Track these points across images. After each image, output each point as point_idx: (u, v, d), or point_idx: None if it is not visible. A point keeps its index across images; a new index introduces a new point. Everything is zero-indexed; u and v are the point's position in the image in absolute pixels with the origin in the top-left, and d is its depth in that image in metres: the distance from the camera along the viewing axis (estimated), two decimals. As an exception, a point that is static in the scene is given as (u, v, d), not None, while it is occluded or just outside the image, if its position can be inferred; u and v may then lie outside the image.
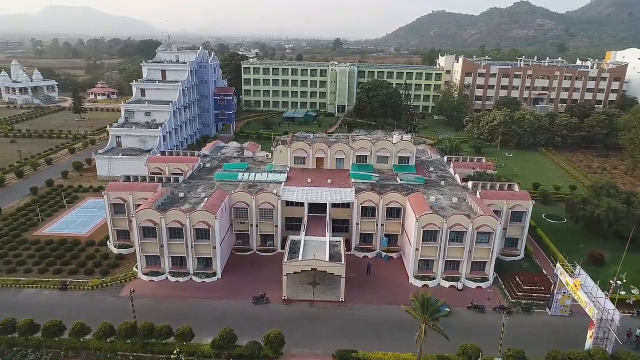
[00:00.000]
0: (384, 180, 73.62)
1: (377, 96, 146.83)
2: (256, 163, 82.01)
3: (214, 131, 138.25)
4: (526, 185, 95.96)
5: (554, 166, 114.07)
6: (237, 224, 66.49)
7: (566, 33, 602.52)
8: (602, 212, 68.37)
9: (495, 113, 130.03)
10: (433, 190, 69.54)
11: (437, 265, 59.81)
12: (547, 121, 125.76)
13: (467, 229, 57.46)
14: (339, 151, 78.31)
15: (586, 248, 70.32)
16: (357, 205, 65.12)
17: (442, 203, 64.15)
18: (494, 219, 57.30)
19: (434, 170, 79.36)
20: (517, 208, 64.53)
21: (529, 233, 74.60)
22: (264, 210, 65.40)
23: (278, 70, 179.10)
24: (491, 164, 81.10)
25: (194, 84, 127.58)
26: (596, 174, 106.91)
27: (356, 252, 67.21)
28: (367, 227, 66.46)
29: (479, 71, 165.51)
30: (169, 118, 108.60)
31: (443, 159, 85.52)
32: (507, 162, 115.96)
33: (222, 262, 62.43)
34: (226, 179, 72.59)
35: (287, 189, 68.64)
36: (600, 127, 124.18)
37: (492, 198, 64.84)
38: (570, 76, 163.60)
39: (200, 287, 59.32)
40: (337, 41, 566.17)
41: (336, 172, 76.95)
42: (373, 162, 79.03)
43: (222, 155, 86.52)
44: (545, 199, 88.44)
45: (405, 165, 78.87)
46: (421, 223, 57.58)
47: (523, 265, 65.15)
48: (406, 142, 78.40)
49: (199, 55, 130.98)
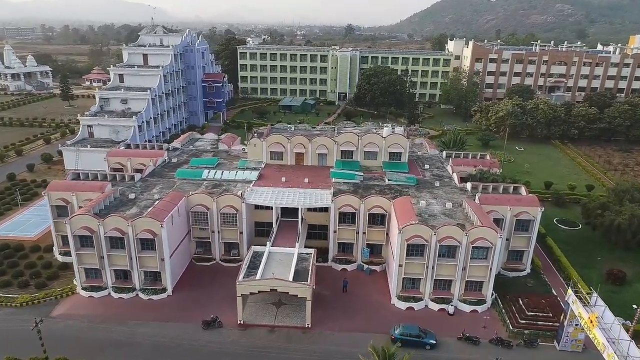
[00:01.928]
0: (371, 180, 64.15)
1: (378, 83, 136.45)
2: (230, 158, 72.97)
3: (203, 120, 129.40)
4: (537, 184, 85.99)
5: (570, 162, 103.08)
6: (196, 230, 57.72)
7: (587, 19, 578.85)
8: (624, 220, 58.15)
9: (505, 102, 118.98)
10: (425, 192, 59.90)
11: (425, 285, 50.46)
12: (563, 111, 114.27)
13: (461, 242, 47.96)
14: (321, 146, 68.90)
15: (605, 261, 60.44)
16: (335, 210, 55.87)
17: (433, 209, 54.54)
18: (493, 232, 47.64)
19: (429, 168, 69.58)
20: (523, 216, 54.65)
21: (538, 242, 64.85)
22: (226, 215, 56.46)
23: (276, 55, 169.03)
24: (496, 162, 70.95)
25: (179, 69, 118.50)
26: (617, 171, 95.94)
27: (334, 263, 58.13)
28: (346, 235, 57.20)
29: (490, 57, 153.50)
30: (147, 106, 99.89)
31: (442, 155, 75.60)
32: (517, 157, 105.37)
33: (176, 275, 53.88)
34: (189, 177, 63.70)
35: (256, 190, 59.54)
36: (622, 119, 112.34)
37: (493, 203, 55.06)
38: (590, 62, 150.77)
39: (147, 306, 50.82)
40: (349, 27, 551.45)
41: (318, 169, 67.73)
42: (360, 159, 69.56)
43: (194, 149, 77.64)
44: (558, 200, 78.06)
45: (396, 162, 69.23)
46: (405, 235, 48.18)
47: (529, 283, 55.42)
48: (398, 136, 68.65)
49: (184, 39, 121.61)
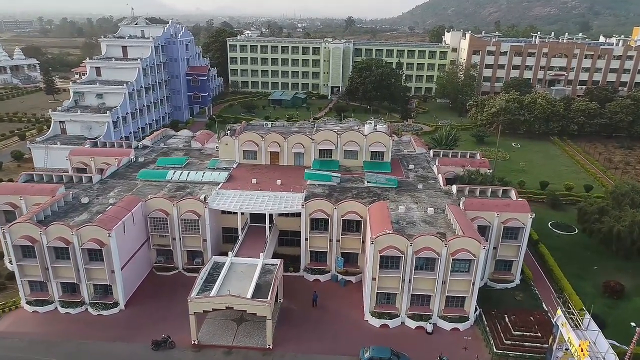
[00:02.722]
0: (349, 181, 59.33)
1: (370, 77, 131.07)
2: (202, 157, 68.18)
3: (187, 115, 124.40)
4: (532, 183, 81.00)
5: (568, 159, 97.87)
6: (155, 238, 53.03)
7: (590, 11, 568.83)
8: (623, 227, 53.16)
9: (502, 97, 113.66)
10: (406, 196, 55.05)
11: (401, 300, 45.74)
12: (562, 106, 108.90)
13: (440, 254, 43.16)
14: (298, 144, 63.99)
15: (602, 272, 55.56)
16: (306, 216, 51.10)
17: (413, 215, 49.70)
18: (475, 243, 42.80)
19: (414, 169, 64.65)
20: (512, 223, 49.74)
21: (530, 249, 60.21)
22: (187, 221, 51.73)
23: (267, 48, 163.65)
24: (486, 162, 65.90)
25: (161, 62, 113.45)
26: (617, 170, 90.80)
27: (306, 273, 53.44)
28: (319, 243, 52.43)
29: (488, 49, 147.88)
30: (123, 101, 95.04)
31: (429, 154, 70.63)
32: (513, 154, 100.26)
33: (130, 287, 49.31)
34: (152, 178, 58.94)
35: (222, 193, 54.74)
36: (624, 114, 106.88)
37: (478, 209, 50.18)
38: (592, 54, 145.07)
39: (96, 322, 46.23)
40: (350, 20, 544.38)
41: (294, 170, 62.85)
42: (340, 158, 64.68)
43: (165, 147, 72.87)
44: (554, 202, 73.04)
45: (378, 161, 64.33)
46: (378, 246, 43.40)
47: (517, 296, 50.62)
48: (380, 134, 63.68)
49: (167, 30, 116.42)
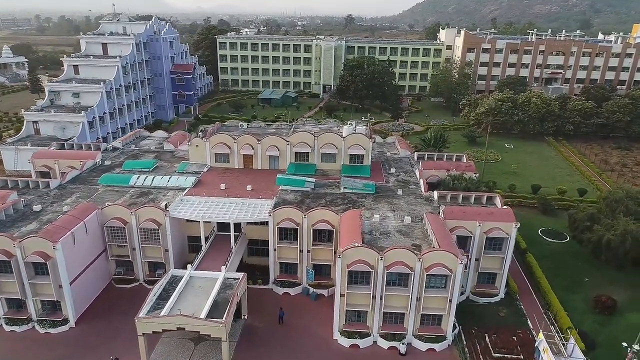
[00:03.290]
0: (325, 186, 55.72)
1: (361, 75, 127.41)
2: (173, 160, 64.61)
3: (172, 115, 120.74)
4: (524, 187, 77.31)
5: (563, 161, 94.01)
6: (114, 248, 49.50)
7: (592, 9, 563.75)
8: (615, 237, 49.42)
9: (494, 96, 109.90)
10: (384, 203, 51.40)
11: (372, 318, 42.14)
12: (557, 105, 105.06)
13: (413, 269, 39.55)
14: (272, 147, 60.34)
15: (593, 284, 51.91)
16: (273, 225, 47.51)
17: (388, 225, 46.06)
18: (452, 256, 39.15)
19: (395, 173, 61.00)
20: (495, 233, 46.10)
21: (517, 258, 56.71)
22: (147, 230, 48.17)
23: (257, 45, 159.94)
24: (472, 165, 62.21)
25: (143, 60, 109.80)
26: (614, 172, 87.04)
27: (275, 286, 49.86)
28: (288, 254, 48.87)
29: (483, 46, 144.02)
30: (100, 100, 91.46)
31: (413, 157, 66.94)
32: (506, 155, 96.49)
33: (84, 302, 45.78)
34: (115, 183, 55.32)
35: (186, 200, 51.17)
36: (621, 114, 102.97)
37: (459, 218, 46.55)
38: (590, 52, 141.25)
39: (42, 341, 42.62)
40: (349, 18, 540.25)
41: (268, 174, 59.10)
42: (317, 161, 61.03)
43: (135, 149, 69.29)
44: (545, 207, 69.30)
45: (358, 165, 60.68)
46: (346, 260, 39.77)
47: (501, 312, 47.00)
48: (359, 136, 59.98)
49: (149, 27, 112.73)
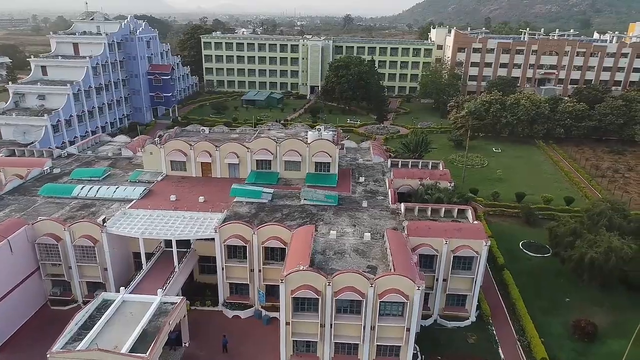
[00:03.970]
0: (285, 197, 51.49)
1: (346, 75, 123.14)
2: (129, 168, 60.44)
3: (149, 117, 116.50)
4: (508, 194, 72.95)
5: (552, 166, 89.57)
6: (48, 267, 45.29)
7: (592, 8, 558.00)
8: (597, 254, 45.01)
9: (482, 97, 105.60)
10: (345, 217, 47.12)
11: (322, 348, 37.87)
12: (548, 107, 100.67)
13: (365, 295, 35.28)
14: (231, 154, 56.15)
15: (575, 304, 47.66)
16: (220, 242, 43.29)
17: (345, 243, 41.77)
18: (408, 282, 34.87)
19: (364, 182, 56.74)
20: (463, 251, 41.83)
21: (494, 275, 52.50)
22: (83, 247, 43.98)
23: (243, 45, 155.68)
24: (447, 173, 57.83)
25: (117, 60, 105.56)
26: (604, 178, 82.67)
27: (225, 309, 45.63)
28: (238, 273, 44.63)
29: (474, 46, 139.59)
30: (66, 102, 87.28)
31: (387, 164, 62.64)
32: (493, 160, 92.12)
33: (10, 326, 41.59)
34: (56, 194, 51.11)
35: (129, 213, 46.95)
36: (614, 116, 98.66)
37: (424, 234, 42.28)
38: (584, 52, 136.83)
39: (-43, 373, 38.67)
40: (348, 17, 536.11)
41: (227, 183, 54.75)
42: (280, 169, 56.85)
43: (91, 156, 65.10)
44: (529, 217, 64.96)
45: (324, 173, 56.45)
46: (290, 285, 35.50)
47: (470, 338, 42.68)
48: (324, 143, 55.73)
49: (124, 26, 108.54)
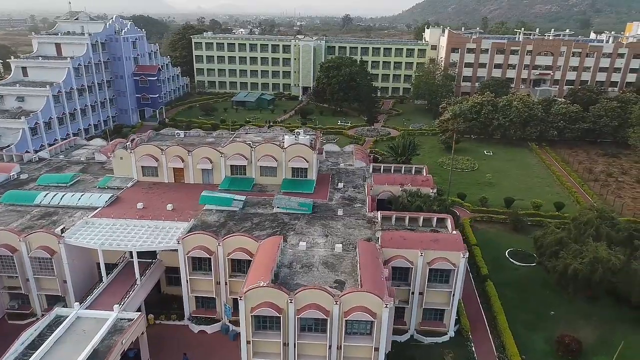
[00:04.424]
0: (257, 205, 49.23)
1: (337, 76, 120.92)
2: (101, 173, 58.26)
3: (136, 119, 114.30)
4: (497, 199, 70.71)
5: (544, 170, 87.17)
6: (4, 279, 43.09)
7: (592, 8, 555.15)
8: (582, 266, 42.65)
9: (473, 98, 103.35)
10: (318, 226, 44.82)
11: (286, 369, 35.63)
12: (541, 109, 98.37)
13: (330, 314, 33.01)
14: (204, 159, 53.92)
15: (560, 318, 45.37)
16: (183, 254, 41.03)
17: (314, 255, 39.46)
18: (376, 300, 32.58)
19: (343, 188, 54.47)
20: (440, 263, 39.53)
21: (477, 286, 50.26)
22: (39, 259, 41.75)
23: (234, 45, 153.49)
24: (430, 179, 55.55)
25: (101, 61, 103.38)
26: (597, 182, 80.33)
27: (191, 323, 43.37)
28: (203, 286, 42.38)
29: (468, 46, 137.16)
30: (46, 104, 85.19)
31: (368, 169, 60.36)
32: (484, 163, 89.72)
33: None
34: (18, 201, 48.85)
35: (92, 222, 44.71)
36: (609, 118, 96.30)
37: (399, 246, 40.00)
38: (580, 52, 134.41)
39: None
40: (346, 17, 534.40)
41: (200, 189, 52.43)
42: (255, 175, 54.61)
43: (63, 160, 62.89)
44: (516, 224, 62.62)
45: (301, 179, 54.20)
46: (250, 302, 33.23)
47: (447, 355, 40.28)
48: (301, 147, 53.47)
49: (109, 26, 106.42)
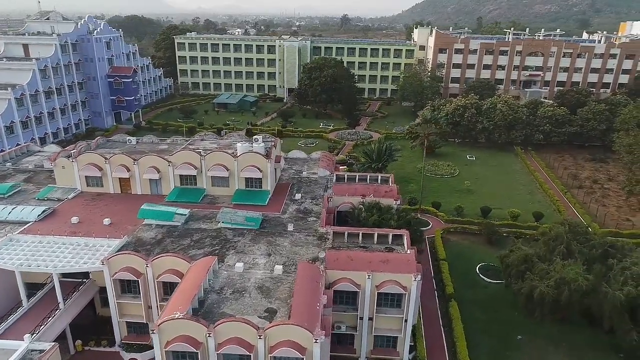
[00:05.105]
0: (203, 219, 45.56)
1: (319, 78, 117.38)
2: (46, 182, 54.61)
3: (111, 122, 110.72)
4: (474, 209, 67.03)
5: (527, 176, 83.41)
6: None
7: (592, 8, 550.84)
8: (547, 288, 38.87)
9: (459, 101, 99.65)
10: (263, 243, 41.10)
11: (211, 408, 32.00)
12: (526, 112, 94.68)
13: (254, 349, 29.36)
14: (151, 168, 50.30)
15: (528, 343, 41.67)
16: (109, 277, 37.42)
17: (250, 278, 35.76)
18: (306, 334, 28.90)
19: (301, 199, 50.78)
20: (389, 287, 35.82)
21: (441, 306, 46.64)
22: (-47, 281, 38.26)
23: (218, 46, 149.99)
24: (393, 189, 51.81)
25: (71, 62, 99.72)
26: (581, 189, 76.62)
27: (122, 350, 39.74)
28: (133, 311, 38.78)
29: (456, 47, 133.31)
30: (6, 108, 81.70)
31: (332, 178, 56.65)
32: (465, 169, 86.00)
33: None
34: (-57, 216, 45.48)
35: (17, 239, 41.07)
36: (597, 121, 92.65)
37: (344, 267, 36.32)
38: (571, 53, 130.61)
39: None
40: (345, 18, 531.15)
41: (147, 200, 48.95)
42: (207, 185, 50.99)
43: (9, 168, 59.19)
44: (490, 236, 58.90)
45: (255, 190, 50.55)
46: (164, 336, 29.52)
47: (398, 388, 36.85)
48: (255, 156, 49.78)
49: (81, 26, 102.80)
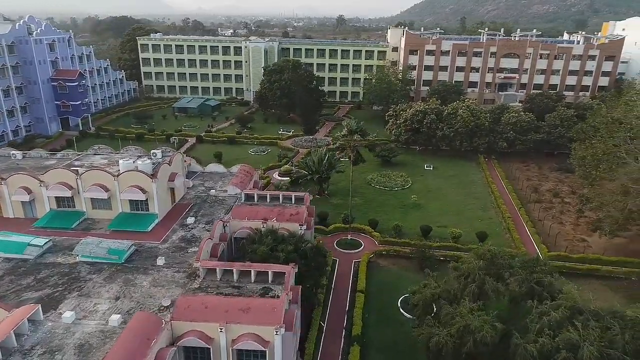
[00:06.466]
0: (65, 251, 39.46)
1: (279, 81, 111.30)
2: None
3: (56, 128, 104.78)
4: (414, 228, 60.83)
5: (484, 188, 77.17)
6: None
7: (590, 9, 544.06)
8: (447, 338, 32.56)
9: (418, 106, 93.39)
10: (118, 283, 34.81)
11: None
12: (489, 118, 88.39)
13: None
14: (21, 189, 44.29)
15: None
16: None
17: (76, 332, 29.35)
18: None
19: (194, 223, 44.65)
20: (244, 343, 29.60)
21: (344, 350, 40.47)
22: None
23: (182, 47, 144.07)
24: (300, 213, 45.50)
25: (6, 65, 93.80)
26: (540, 204, 70.29)
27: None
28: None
29: (427, 48, 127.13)
30: None
31: (241, 197, 50.46)
32: (420, 180, 79.76)
33: None
34: None
35: None
36: (564, 128, 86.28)
37: (195, 318, 30.07)
38: (548, 54, 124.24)
39: None
40: (340, 18, 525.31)
41: (18, 226, 43.12)
42: (87, 208, 44.94)
43: None
44: (423, 261, 52.61)
45: (141, 213, 44.44)
46: None
47: None
48: (137, 175, 43.63)
49: (19, 27, 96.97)
